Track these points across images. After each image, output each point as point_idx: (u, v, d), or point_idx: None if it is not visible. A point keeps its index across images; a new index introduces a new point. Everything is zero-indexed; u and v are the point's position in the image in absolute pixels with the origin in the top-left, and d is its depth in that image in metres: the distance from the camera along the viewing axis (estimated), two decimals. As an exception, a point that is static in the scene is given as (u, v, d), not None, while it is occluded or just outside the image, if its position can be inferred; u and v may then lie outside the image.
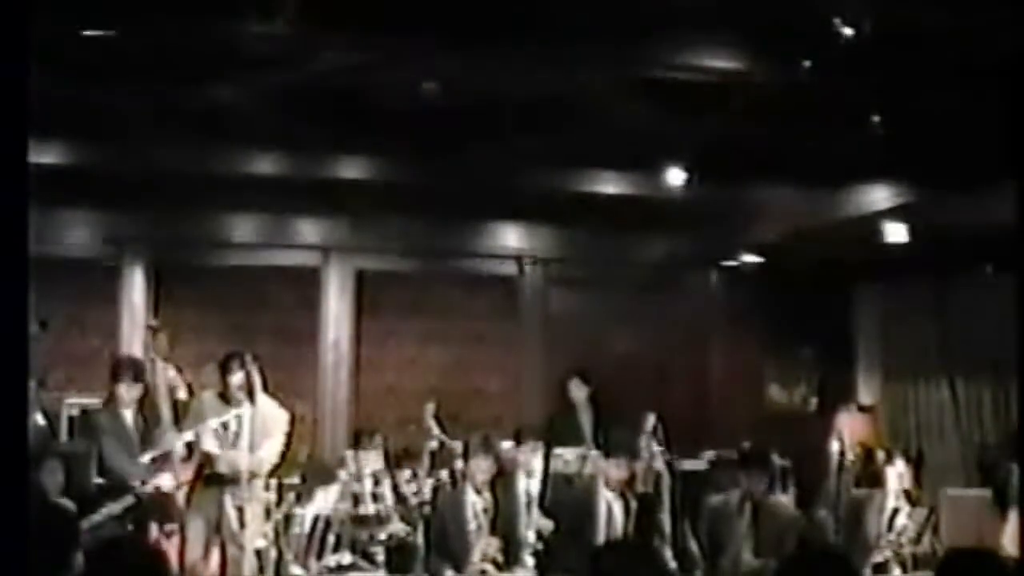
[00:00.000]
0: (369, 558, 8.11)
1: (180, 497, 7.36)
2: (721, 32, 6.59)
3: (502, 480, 8.18)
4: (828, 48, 6.12)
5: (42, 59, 5.97)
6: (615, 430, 9.38)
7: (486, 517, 7.87)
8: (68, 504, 6.90)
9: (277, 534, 8.08)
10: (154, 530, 7.21)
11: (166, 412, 7.63)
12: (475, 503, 7.85)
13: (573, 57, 6.72)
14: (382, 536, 8.21)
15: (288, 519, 8.30)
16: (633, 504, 8.31)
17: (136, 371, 7.62)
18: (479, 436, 8.50)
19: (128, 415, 7.53)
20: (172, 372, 8.23)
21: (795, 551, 6.17)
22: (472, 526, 7.80)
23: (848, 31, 5.95)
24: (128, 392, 7.50)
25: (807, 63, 6.40)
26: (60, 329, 10.06)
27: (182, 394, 8.19)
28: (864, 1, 5.98)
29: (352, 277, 11.19)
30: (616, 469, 8.33)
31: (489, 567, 7.71)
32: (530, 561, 7.92)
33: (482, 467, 7.91)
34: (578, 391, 9.99)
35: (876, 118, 7.27)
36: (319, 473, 8.90)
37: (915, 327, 11.02)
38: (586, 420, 9.92)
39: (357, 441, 9.02)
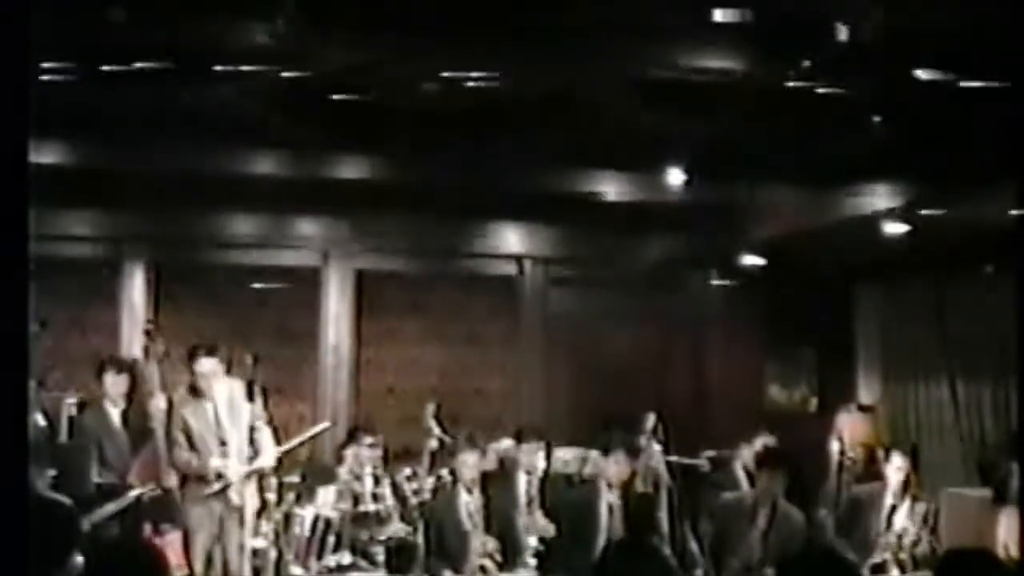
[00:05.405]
0: (369, 558, 8.12)
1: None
2: (721, 32, 6.58)
3: (502, 480, 8.19)
4: (828, 48, 6.12)
5: (42, 58, 5.99)
6: (615, 430, 9.38)
7: (480, 516, 7.86)
8: (67, 501, 6.90)
9: (277, 534, 8.08)
10: (153, 530, 7.22)
11: (159, 414, 7.55)
12: (468, 503, 7.84)
13: (573, 57, 6.71)
14: (382, 536, 8.21)
15: (288, 519, 8.31)
16: (634, 504, 8.31)
17: (120, 365, 7.54)
18: (464, 434, 8.50)
19: (115, 413, 7.45)
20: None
21: (798, 552, 6.19)
22: (468, 526, 7.79)
23: (848, 31, 5.94)
24: (114, 385, 7.41)
25: (807, 63, 6.39)
26: (60, 329, 10.06)
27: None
28: (864, 1, 5.98)
29: (352, 277, 11.19)
30: (616, 466, 8.33)
31: (488, 563, 7.71)
32: (532, 561, 7.92)
33: (468, 463, 7.88)
34: None
35: (876, 118, 7.26)
36: (319, 473, 8.91)
37: (915, 327, 11.00)
38: None
39: (351, 438, 9.00)
